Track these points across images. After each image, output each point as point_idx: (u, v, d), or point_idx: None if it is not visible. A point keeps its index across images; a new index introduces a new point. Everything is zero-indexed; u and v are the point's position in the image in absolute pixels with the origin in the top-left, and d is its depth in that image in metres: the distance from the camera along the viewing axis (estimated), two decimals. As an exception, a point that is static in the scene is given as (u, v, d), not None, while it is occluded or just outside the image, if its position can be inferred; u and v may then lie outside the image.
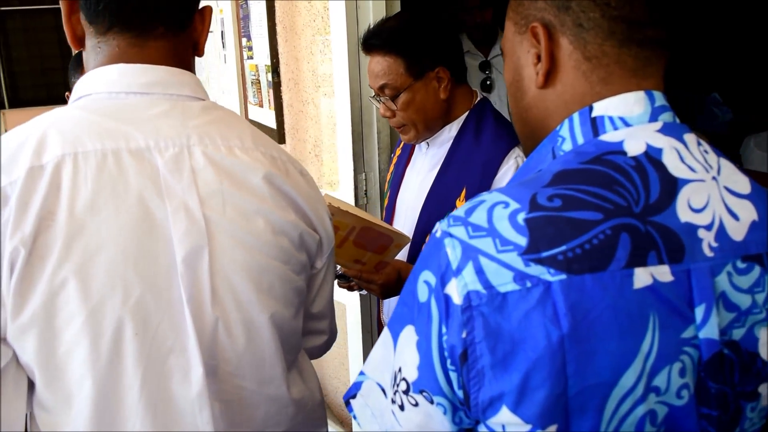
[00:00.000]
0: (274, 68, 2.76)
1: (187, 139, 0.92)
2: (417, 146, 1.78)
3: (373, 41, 1.62)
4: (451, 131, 1.67)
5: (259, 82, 2.94)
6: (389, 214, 1.85)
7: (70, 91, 2.17)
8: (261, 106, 2.98)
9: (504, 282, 0.67)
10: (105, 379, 0.88)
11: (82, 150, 0.87)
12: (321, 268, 1.09)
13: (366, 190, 2.28)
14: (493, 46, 3.11)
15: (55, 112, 0.92)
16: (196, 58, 1.03)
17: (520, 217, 0.68)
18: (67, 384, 0.88)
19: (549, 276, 0.66)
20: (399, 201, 1.82)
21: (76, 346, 0.86)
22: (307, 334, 1.16)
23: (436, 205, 1.65)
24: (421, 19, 1.63)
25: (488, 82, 3.08)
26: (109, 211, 0.86)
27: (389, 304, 1.83)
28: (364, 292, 1.82)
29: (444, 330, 0.70)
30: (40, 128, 0.88)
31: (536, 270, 0.66)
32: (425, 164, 1.74)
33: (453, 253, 0.69)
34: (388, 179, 1.94)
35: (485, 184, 1.55)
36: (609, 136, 0.74)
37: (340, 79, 2.18)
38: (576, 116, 0.76)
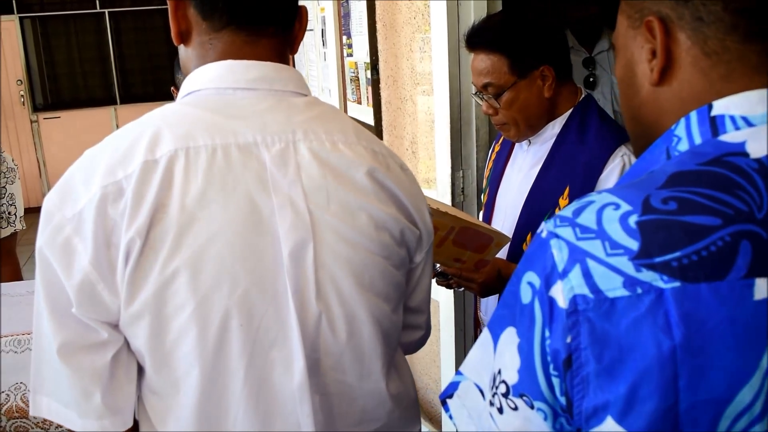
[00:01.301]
0: (374, 65, 2.78)
1: (292, 134, 0.94)
2: (518, 143, 1.75)
3: (476, 39, 1.60)
4: (554, 128, 1.64)
5: (358, 79, 2.97)
6: (488, 211, 1.83)
7: (175, 86, 2.25)
8: (359, 103, 3.01)
9: (613, 287, 0.64)
10: (211, 367, 0.91)
11: (193, 145, 0.89)
12: (419, 263, 1.09)
13: (463, 188, 2.26)
14: (598, 42, 3.02)
15: (167, 109, 0.95)
16: (295, 56, 1.05)
17: (632, 220, 0.65)
18: (176, 370, 0.92)
19: (662, 283, 0.63)
20: (498, 198, 1.79)
21: (184, 335, 0.90)
22: (404, 328, 1.16)
23: (538, 204, 1.62)
24: (526, 17, 1.60)
25: (591, 79, 3.00)
26: (218, 204, 0.88)
27: (487, 302, 1.81)
28: (462, 289, 1.81)
29: (547, 334, 0.68)
30: (153, 124, 0.91)
31: (648, 276, 0.63)
32: (526, 161, 1.71)
33: (559, 254, 0.67)
34: (486, 176, 1.92)
35: (589, 183, 1.51)
36: (729, 137, 0.69)
37: (440, 76, 2.17)
38: (693, 115, 0.72)
